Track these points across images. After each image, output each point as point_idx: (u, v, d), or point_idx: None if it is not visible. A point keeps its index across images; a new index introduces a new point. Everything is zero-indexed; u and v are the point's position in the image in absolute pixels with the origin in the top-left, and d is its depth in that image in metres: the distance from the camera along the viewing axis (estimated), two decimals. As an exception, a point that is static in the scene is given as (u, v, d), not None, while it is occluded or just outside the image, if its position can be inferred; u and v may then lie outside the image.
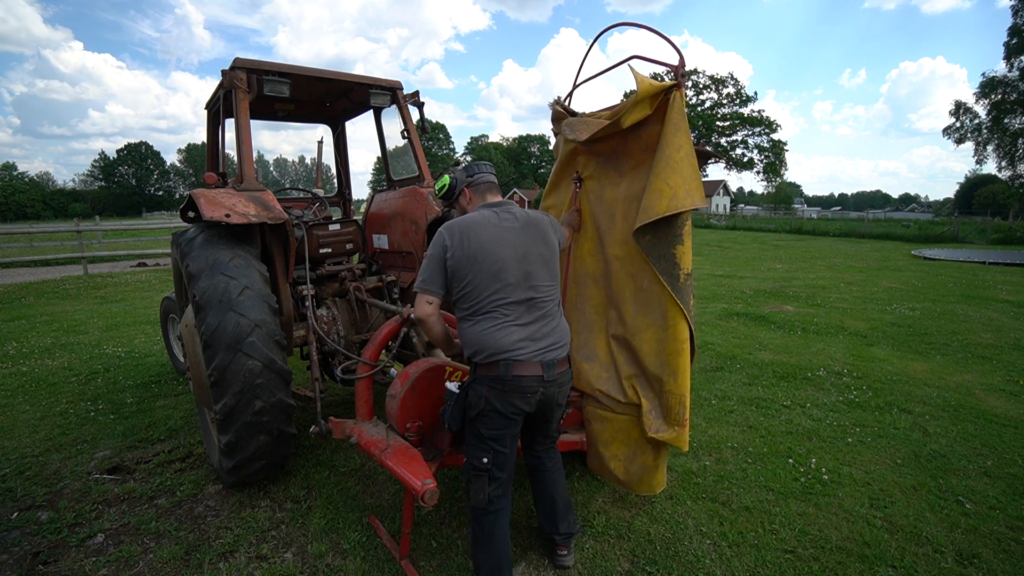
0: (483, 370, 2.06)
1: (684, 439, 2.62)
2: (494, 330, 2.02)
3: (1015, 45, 29.82)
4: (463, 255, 2.04)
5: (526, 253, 2.10)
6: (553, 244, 2.22)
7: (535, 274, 2.11)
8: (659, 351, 2.65)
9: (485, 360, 2.04)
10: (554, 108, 3.07)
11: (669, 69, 2.52)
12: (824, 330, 6.57)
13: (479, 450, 2.11)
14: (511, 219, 2.15)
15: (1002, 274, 11.71)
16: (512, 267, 2.06)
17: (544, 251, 2.17)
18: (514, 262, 2.06)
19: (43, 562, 2.44)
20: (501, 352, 2.00)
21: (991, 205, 48.57)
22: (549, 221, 2.28)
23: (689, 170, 2.46)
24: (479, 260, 2.03)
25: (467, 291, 2.05)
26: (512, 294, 2.05)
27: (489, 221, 2.10)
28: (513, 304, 2.05)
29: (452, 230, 2.07)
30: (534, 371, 2.03)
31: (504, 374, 2.01)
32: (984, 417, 3.94)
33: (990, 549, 2.48)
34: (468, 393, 2.10)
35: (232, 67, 3.30)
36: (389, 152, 4.57)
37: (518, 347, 2.01)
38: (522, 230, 2.13)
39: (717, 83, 45.17)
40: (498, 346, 2.01)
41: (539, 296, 2.11)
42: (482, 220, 2.10)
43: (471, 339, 2.07)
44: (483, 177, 2.30)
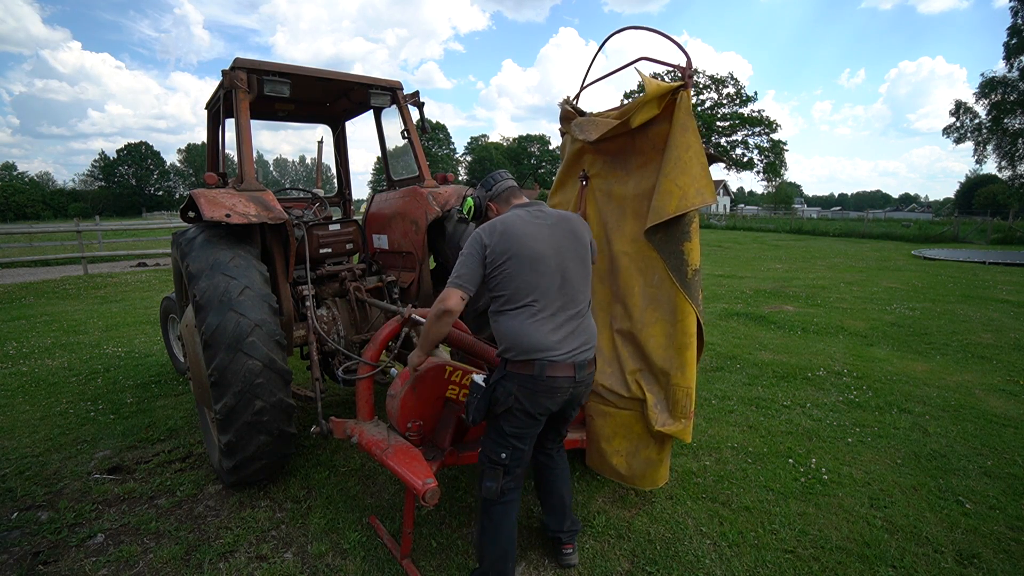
0: (515, 368, 2.04)
1: (689, 431, 2.64)
2: (531, 325, 2.01)
3: (1015, 45, 29.83)
4: (502, 249, 2.03)
5: (560, 249, 2.11)
6: (585, 242, 2.23)
7: (569, 270, 2.11)
8: (667, 345, 2.67)
9: (519, 358, 2.02)
10: (563, 108, 3.10)
11: (672, 69, 2.53)
12: (824, 330, 6.57)
13: (498, 445, 2.11)
14: (543, 217, 2.17)
15: (1002, 274, 11.71)
16: (548, 262, 2.06)
17: (578, 248, 2.18)
18: (550, 257, 2.07)
19: (43, 562, 2.44)
20: (537, 351, 1.99)
21: (991, 205, 48.58)
22: (580, 220, 2.30)
23: (698, 168, 2.49)
24: (518, 253, 2.03)
25: (505, 283, 2.04)
26: (548, 289, 2.05)
27: (522, 219, 2.12)
28: (549, 300, 2.05)
29: (489, 228, 2.08)
30: (567, 372, 2.03)
31: (539, 374, 2.00)
32: (984, 417, 3.94)
33: (990, 549, 2.48)
34: (496, 389, 2.08)
35: (232, 67, 3.30)
36: (389, 152, 4.57)
37: (554, 347, 2.00)
38: (555, 227, 2.15)
39: (717, 83, 45.15)
40: (534, 344, 1.99)
41: (573, 294, 2.11)
42: (516, 218, 2.12)
43: (507, 332, 2.05)
44: (502, 186, 2.32)
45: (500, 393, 2.06)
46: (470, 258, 2.06)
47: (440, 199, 3.69)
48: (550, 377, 2.00)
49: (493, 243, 2.05)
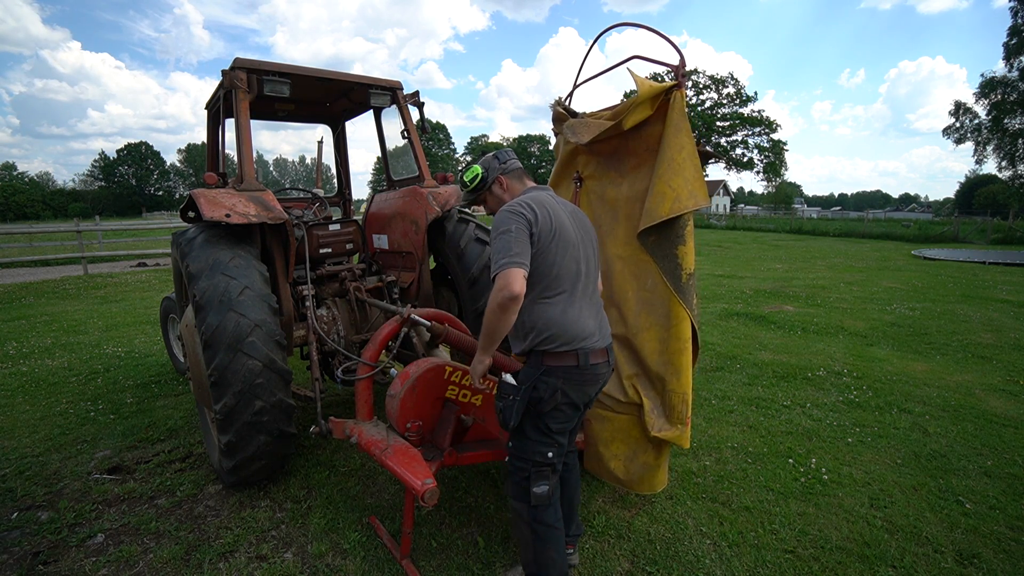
0: (555, 360, 1.93)
1: (686, 437, 2.63)
2: (574, 314, 1.95)
3: (1015, 45, 29.83)
4: (548, 229, 1.93)
5: (583, 236, 2.08)
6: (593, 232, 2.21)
7: (591, 259, 2.10)
8: (662, 350, 2.66)
9: (561, 348, 1.92)
10: (555, 109, 3.07)
11: (670, 69, 2.52)
12: (824, 330, 6.57)
13: (544, 445, 2.01)
14: (563, 202, 2.12)
15: (1002, 274, 11.71)
16: (579, 247, 2.03)
17: (594, 237, 2.18)
18: (579, 243, 2.03)
19: (43, 562, 2.44)
20: (580, 339, 1.93)
21: (991, 205, 48.58)
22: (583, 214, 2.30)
23: (692, 170, 2.47)
24: (561, 235, 1.95)
25: (546, 267, 1.93)
26: (583, 275, 2.02)
27: (553, 199, 2.06)
28: (581, 285, 2.01)
29: (527, 204, 1.94)
30: (603, 357, 2.02)
31: (584, 363, 1.94)
32: (984, 417, 3.94)
33: (990, 549, 2.48)
34: (537, 387, 1.95)
35: (232, 67, 3.30)
36: (389, 152, 4.57)
37: (593, 333, 1.98)
38: (574, 214, 2.11)
39: (717, 83, 45.15)
40: (578, 332, 1.93)
41: (595, 279, 2.12)
42: (548, 198, 2.04)
43: (548, 321, 1.93)
44: (513, 163, 2.22)
45: (544, 390, 1.94)
46: (520, 234, 1.87)
47: (440, 199, 3.69)
48: (594, 364, 1.97)
49: (539, 219, 1.91)
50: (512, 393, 1.97)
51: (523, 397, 1.95)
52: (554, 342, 1.92)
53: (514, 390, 1.97)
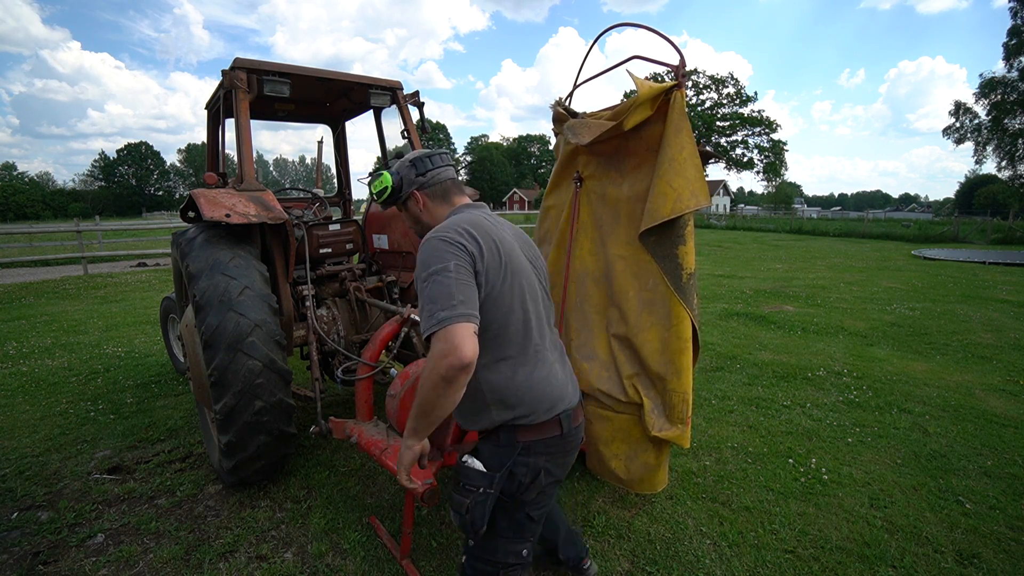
0: (534, 433, 1.50)
1: (686, 437, 2.64)
2: (545, 371, 1.53)
3: (1014, 46, 29.85)
4: (497, 264, 1.45)
5: (536, 264, 1.66)
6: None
7: (547, 288, 1.70)
8: (662, 350, 2.66)
9: (541, 419, 1.49)
10: (555, 110, 3.08)
11: (670, 69, 2.52)
12: (824, 330, 6.57)
13: (518, 542, 1.57)
14: (503, 223, 1.64)
15: (1002, 274, 11.71)
16: (538, 281, 1.62)
17: (544, 266, 1.74)
18: (534, 277, 1.60)
19: (43, 562, 2.44)
20: (560, 403, 1.53)
21: (991, 205, 48.58)
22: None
23: (692, 170, 2.47)
24: (515, 270, 1.49)
25: (504, 317, 1.46)
26: (544, 316, 1.60)
27: (492, 224, 1.57)
28: (548, 330, 1.61)
29: (466, 232, 1.45)
30: (582, 413, 1.65)
31: (568, 429, 1.54)
32: (984, 417, 3.94)
33: (990, 549, 2.48)
34: (515, 471, 1.49)
35: (232, 67, 3.30)
36: (389, 152, 4.57)
37: (567, 386, 1.59)
38: (519, 237, 1.66)
39: (717, 83, 45.17)
40: (557, 393, 1.53)
41: (553, 317, 1.70)
42: (487, 223, 1.54)
43: (517, 388, 1.48)
44: (440, 174, 1.66)
45: (523, 475, 1.49)
46: (462, 273, 1.37)
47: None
48: (577, 428, 1.58)
49: (484, 253, 1.43)
50: (482, 484, 1.46)
51: (496, 488, 1.47)
52: (533, 414, 1.48)
53: (485, 480, 1.47)
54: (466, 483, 1.49)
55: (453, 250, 1.40)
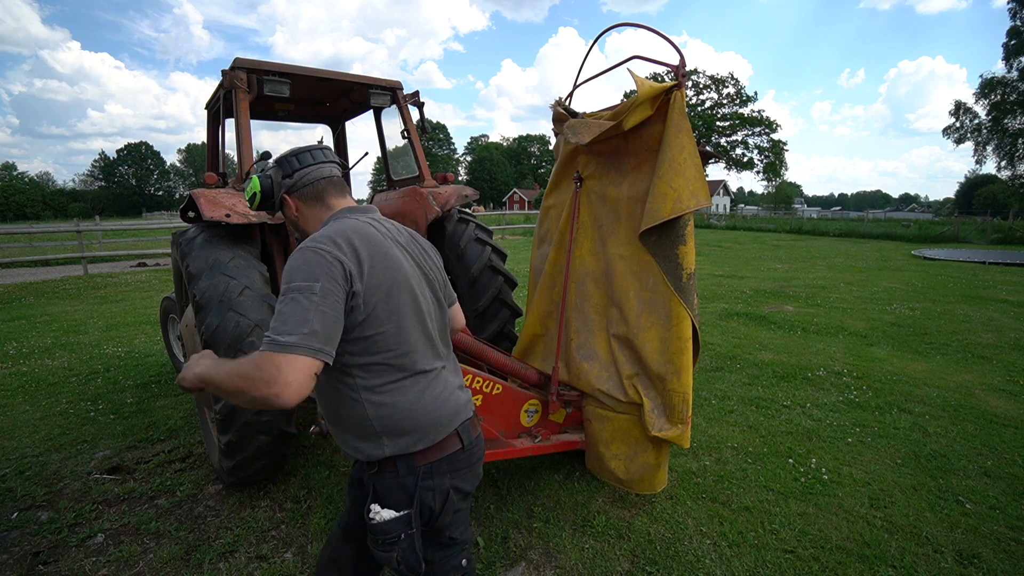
0: (432, 454, 1.38)
1: (686, 437, 2.64)
2: (438, 389, 1.42)
3: (1014, 46, 29.88)
4: (380, 283, 1.30)
5: (429, 276, 1.52)
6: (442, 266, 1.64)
7: (443, 303, 1.55)
8: (663, 350, 2.66)
9: (438, 439, 1.39)
10: (555, 110, 3.08)
11: (670, 69, 2.53)
12: (824, 330, 6.57)
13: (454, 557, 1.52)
14: (394, 229, 1.50)
15: (1002, 274, 11.71)
16: (430, 296, 1.49)
17: (441, 274, 1.60)
18: (426, 290, 1.48)
19: (43, 562, 2.44)
20: (456, 418, 1.44)
21: (991, 205, 48.56)
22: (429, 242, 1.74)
23: (693, 170, 2.48)
24: (401, 286, 1.36)
25: (388, 341, 1.32)
26: (438, 332, 1.48)
27: (379, 233, 1.41)
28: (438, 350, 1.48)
29: (346, 243, 1.29)
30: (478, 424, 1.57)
31: (468, 441, 1.45)
32: (984, 417, 3.94)
33: (990, 549, 2.48)
34: (423, 499, 1.37)
35: (232, 67, 3.30)
36: (389, 152, 4.57)
37: (463, 402, 1.49)
38: (412, 246, 1.52)
39: (717, 83, 45.23)
40: (451, 411, 1.43)
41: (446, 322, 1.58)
42: (371, 232, 1.38)
43: (410, 415, 1.35)
44: (311, 174, 1.46)
45: (432, 500, 1.38)
46: (328, 298, 1.20)
47: (440, 199, 3.69)
48: (476, 438, 1.50)
49: (365, 271, 1.28)
50: (401, 530, 1.34)
51: (417, 525, 1.36)
52: (426, 438, 1.37)
53: (402, 524, 1.34)
54: (384, 539, 1.34)
55: (326, 267, 1.22)
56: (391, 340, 1.32)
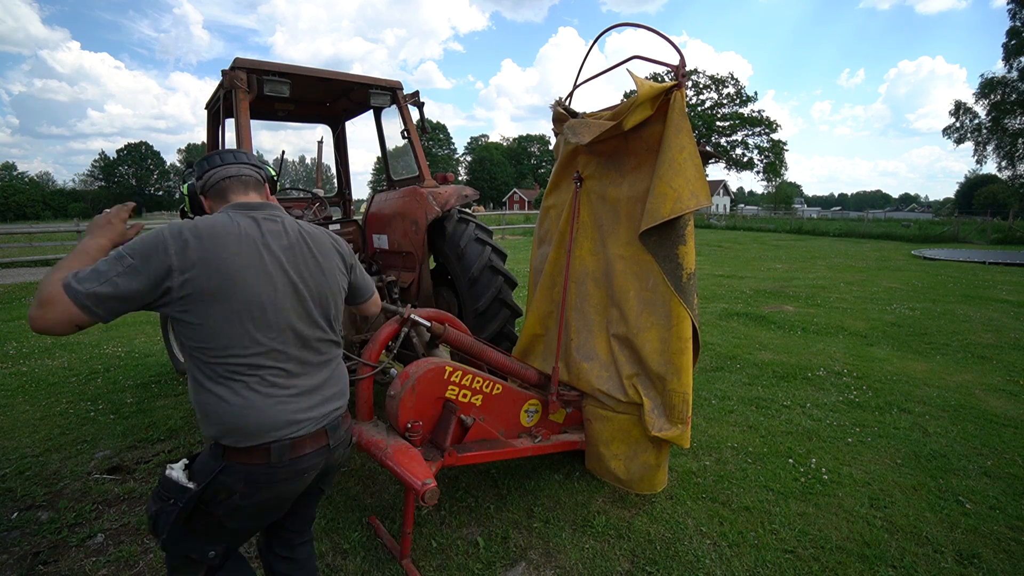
0: (238, 456, 1.41)
1: (686, 437, 2.64)
2: (259, 402, 1.40)
3: (1014, 46, 29.90)
4: (206, 286, 1.34)
5: (304, 282, 1.50)
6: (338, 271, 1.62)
7: (314, 313, 1.52)
8: (663, 350, 2.66)
9: (242, 444, 1.39)
10: (555, 110, 3.08)
11: (670, 69, 2.53)
12: (824, 330, 6.57)
13: (209, 543, 1.50)
14: (278, 232, 1.50)
15: (1002, 274, 11.72)
16: (284, 305, 1.45)
17: (331, 282, 1.58)
18: (287, 297, 1.46)
19: (43, 562, 2.44)
20: (272, 432, 1.41)
21: (991, 205, 48.61)
22: (334, 242, 1.67)
23: (693, 170, 2.48)
24: (228, 293, 1.36)
25: (206, 339, 1.36)
26: (284, 346, 1.45)
27: (244, 232, 1.43)
28: (286, 360, 1.45)
29: (185, 238, 1.34)
30: (318, 443, 1.50)
31: (277, 460, 1.42)
32: (984, 417, 3.94)
33: (990, 549, 2.48)
34: (211, 484, 1.41)
35: (232, 67, 3.30)
36: (389, 152, 4.57)
37: (298, 420, 1.45)
38: (294, 249, 1.51)
39: (717, 83, 45.25)
40: (267, 424, 1.41)
41: (321, 341, 1.54)
42: (233, 230, 1.42)
43: (216, 414, 1.39)
44: (216, 174, 1.55)
45: (216, 490, 1.41)
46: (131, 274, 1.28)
47: (440, 199, 3.69)
48: (296, 459, 1.45)
49: (187, 265, 1.32)
50: (172, 496, 1.41)
51: (188, 503, 1.40)
52: (232, 436, 1.40)
53: (177, 493, 1.40)
54: (159, 490, 1.45)
55: (150, 251, 1.30)
56: (210, 335, 1.36)
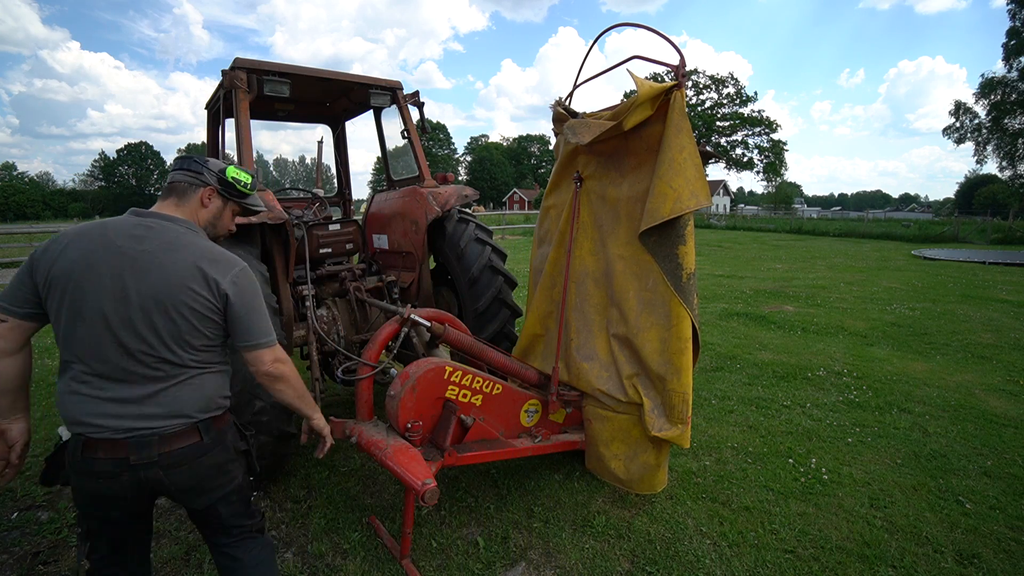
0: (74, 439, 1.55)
1: (686, 437, 2.64)
2: (67, 394, 1.50)
3: (1014, 46, 29.88)
4: (49, 275, 1.47)
5: (139, 293, 1.48)
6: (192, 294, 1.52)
7: (138, 325, 1.48)
8: (662, 350, 2.66)
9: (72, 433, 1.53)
10: (555, 110, 3.08)
11: (670, 69, 2.53)
12: (824, 330, 6.57)
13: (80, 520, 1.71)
14: (139, 237, 1.52)
15: (1002, 274, 11.71)
16: (105, 308, 1.46)
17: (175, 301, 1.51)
18: (110, 300, 1.47)
19: (43, 562, 2.44)
20: (72, 425, 1.51)
21: (991, 205, 48.59)
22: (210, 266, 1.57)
23: (693, 170, 2.48)
24: (62, 287, 1.46)
25: (57, 328, 1.50)
26: (101, 349, 1.48)
27: (98, 235, 1.51)
28: (101, 362, 1.49)
29: (56, 239, 1.53)
30: (114, 453, 1.48)
31: (72, 453, 1.51)
32: (984, 417, 3.94)
33: (990, 549, 2.48)
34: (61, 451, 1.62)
35: (232, 67, 3.30)
36: (389, 152, 4.57)
37: (92, 422, 1.48)
38: (143, 258, 1.49)
39: (717, 83, 45.22)
40: (68, 417, 1.51)
41: (148, 356, 1.50)
42: (91, 232, 1.52)
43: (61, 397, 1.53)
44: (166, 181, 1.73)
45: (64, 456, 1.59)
46: (22, 273, 1.51)
47: (440, 199, 3.69)
48: (88, 458, 1.49)
49: (46, 259, 1.48)
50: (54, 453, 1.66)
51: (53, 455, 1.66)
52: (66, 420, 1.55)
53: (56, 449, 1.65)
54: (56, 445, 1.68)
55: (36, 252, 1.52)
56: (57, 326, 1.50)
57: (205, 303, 1.55)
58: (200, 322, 1.55)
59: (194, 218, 1.69)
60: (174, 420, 1.54)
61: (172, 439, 1.54)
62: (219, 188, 1.72)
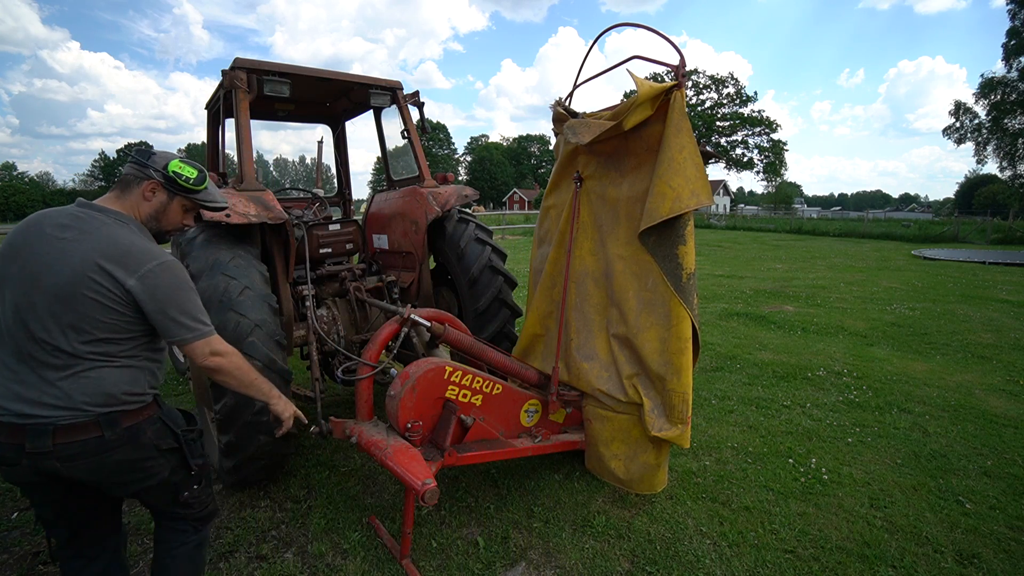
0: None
1: (686, 437, 2.64)
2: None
3: (1014, 46, 29.89)
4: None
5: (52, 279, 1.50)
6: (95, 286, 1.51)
7: (42, 313, 1.49)
8: (662, 350, 2.66)
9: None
10: (555, 110, 3.08)
11: (670, 69, 2.53)
12: (824, 330, 6.57)
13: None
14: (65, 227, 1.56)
15: (1002, 274, 11.71)
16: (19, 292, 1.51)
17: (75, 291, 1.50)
18: (26, 285, 1.50)
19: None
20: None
21: (991, 205, 48.60)
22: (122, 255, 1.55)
23: (693, 170, 2.48)
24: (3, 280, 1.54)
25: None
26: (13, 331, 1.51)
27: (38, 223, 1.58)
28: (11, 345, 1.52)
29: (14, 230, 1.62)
30: (12, 438, 1.48)
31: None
32: (984, 417, 3.94)
33: (990, 549, 2.48)
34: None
35: (232, 67, 3.30)
36: (389, 152, 4.57)
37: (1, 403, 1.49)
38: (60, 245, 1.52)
39: (717, 83, 45.23)
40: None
41: (47, 344, 1.50)
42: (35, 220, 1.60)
43: None
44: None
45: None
46: None
47: (440, 199, 3.69)
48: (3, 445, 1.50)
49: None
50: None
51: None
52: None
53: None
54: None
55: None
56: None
57: (108, 294, 1.52)
58: (103, 313, 1.52)
59: (134, 211, 1.69)
60: (67, 411, 1.50)
61: (68, 431, 1.50)
62: (163, 182, 1.70)
